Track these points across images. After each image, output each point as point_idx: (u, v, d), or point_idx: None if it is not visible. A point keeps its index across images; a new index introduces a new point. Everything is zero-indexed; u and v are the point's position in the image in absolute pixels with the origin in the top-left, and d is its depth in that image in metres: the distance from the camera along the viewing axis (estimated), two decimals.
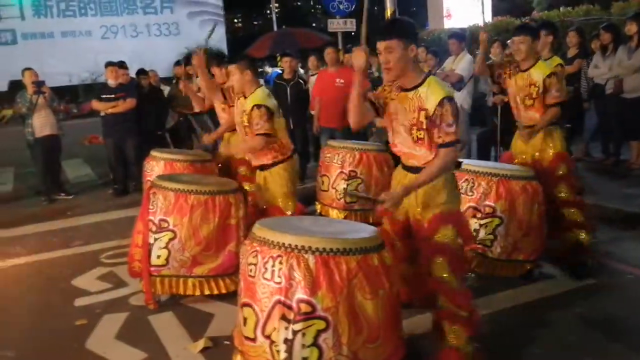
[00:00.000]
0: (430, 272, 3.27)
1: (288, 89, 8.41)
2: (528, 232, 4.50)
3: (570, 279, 4.67)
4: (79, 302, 4.83)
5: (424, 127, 3.19)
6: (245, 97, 4.75)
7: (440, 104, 3.13)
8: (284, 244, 2.82)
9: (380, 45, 3.20)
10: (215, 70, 6.03)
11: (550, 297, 4.41)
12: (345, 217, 6.07)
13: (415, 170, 3.32)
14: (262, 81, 9.12)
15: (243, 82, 4.71)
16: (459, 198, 3.46)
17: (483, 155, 8.09)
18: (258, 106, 4.56)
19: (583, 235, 4.78)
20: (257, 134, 4.58)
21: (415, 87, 3.23)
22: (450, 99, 3.16)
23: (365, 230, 3.16)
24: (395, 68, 3.20)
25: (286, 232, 2.90)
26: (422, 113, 3.18)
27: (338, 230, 3.13)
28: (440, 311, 3.29)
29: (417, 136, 3.24)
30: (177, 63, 10.11)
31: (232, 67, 4.72)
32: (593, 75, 7.94)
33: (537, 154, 4.88)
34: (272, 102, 4.68)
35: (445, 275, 3.23)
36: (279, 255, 2.81)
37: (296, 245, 2.80)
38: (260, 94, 4.67)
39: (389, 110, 3.38)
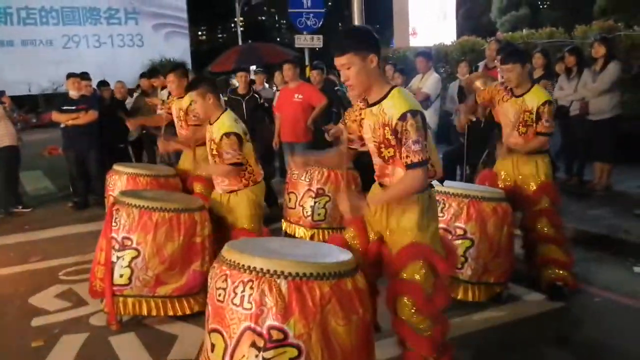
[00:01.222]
0: (395, 311, 3.11)
1: (243, 104, 8.35)
2: (498, 254, 4.48)
3: (543, 300, 4.68)
4: (36, 321, 4.63)
5: (392, 144, 2.92)
6: (211, 124, 4.59)
7: (402, 118, 2.82)
8: (254, 267, 2.72)
9: (336, 61, 2.94)
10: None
11: (521, 320, 4.39)
12: (312, 235, 6.00)
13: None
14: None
15: (206, 107, 4.53)
16: (433, 223, 3.13)
17: (449, 174, 8.09)
18: (227, 134, 4.40)
19: (561, 272, 4.72)
20: (228, 164, 4.45)
21: (379, 101, 2.96)
22: (414, 112, 2.82)
23: (336, 253, 3.06)
24: (356, 84, 2.94)
25: (257, 255, 2.79)
26: (387, 129, 2.91)
27: (309, 253, 3.04)
28: (407, 353, 3.14)
29: (386, 155, 3.00)
30: (143, 75, 9.95)
31: (193, 94, 4.54)
32: (558, 97, 8.02)
33: (520, 177, 4.80)
34: (240, 128, 4.52)
35: (410, 318, 3.04)
36: (249, 280, 2.70)
37: (268, 270, 2.69)
38: (227, 121, 4.50)
39: (362, 132, 3.16)
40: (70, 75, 8.64)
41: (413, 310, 3.03)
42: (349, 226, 3.35)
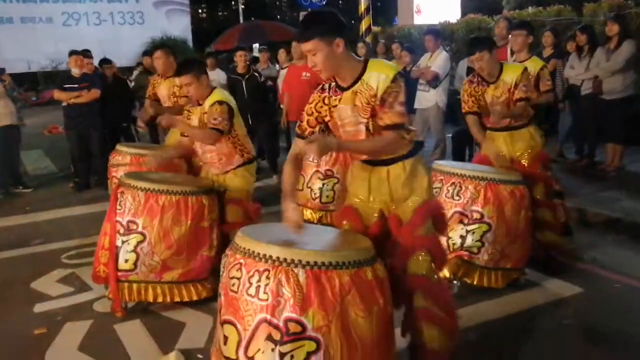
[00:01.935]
0: (406, 270, 2.99)
1: (244, 84, 8.16)
2: (515, 239, 4.34)
3: (561, 286, 4.55)
4: (39, 307, 4.49)
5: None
6: (200, 104, 4.51)
7: (395, 79, 2.82)
8: (271, 256, 2.57)
9: (303, 48, 2.90)
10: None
11: (539, 306, 4.25)
12: (320, 218, 5.86)
13: (381, 162, 3.04)
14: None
15: (202, 88, 4.43)
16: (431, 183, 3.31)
17: (458, 154, 7.94)
18: (220, 102, 4.34)
19: (552, 236, 4.76)
20: (210, 128, 4.34)
21: (358, 79, 2.91)
22: (402, 75, 2.88)
23: (358, 241, 2.92)
24: (324, 68, 2.89)
25: (273, 243, 2.65)
26: (375, 100, 2.86)
27: (328, 241, 2.89)
28: (417, 311, 3.03)
29: (375, 127, 2.94)
30: (145, 53, 9.78)
31: (187, 78, 4.38)
32: (569, 76, 7.86)
33: (518, 153, 4.76)
34: (233, 102, 4.48)
35: (425, 271, 2.99)
36: (265, 269, 2.55)
37: (285, 259, 2.54)
38: (219, 93, 4.47)
39: (334, 121, 3.05)
40: (72, 53, 8.48)
41: (429, 264, 3.01)
42: (342, 220, 3.24)
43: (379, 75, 2.85)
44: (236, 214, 4.44)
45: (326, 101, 3.04)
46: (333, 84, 3.02)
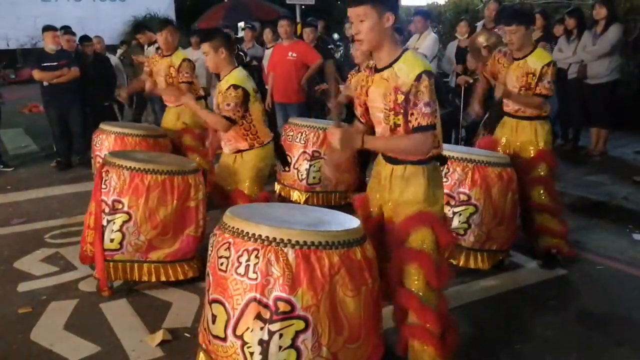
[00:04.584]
0: (401, 282, 2.93)
1: None
2: (502, 221, 4.36)
3: (541, 269, 4.59)
4: (22, 287, 4.44)
5: (402, 111, 2.75)
6: (220, 80, 4.40)
7: (418, 78, 2.66)
8: (260, 235, 2.56)
9: (351, 12, 2.75)
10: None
11: (523, 287, 4.30)
12: (307, 199, 5.86)
13: (396, 161, 2.93)
14: None
15: (217, 61, 4.32)
16: (441, 199, 2.98)
17: (445, 138, 7.94)
18: (235, 87, 4.19)
19: (556, 241, 4.62)
20: (222, 115, 4.24)
21: (391, 64, 2.78)
22: (429, 74, 2.69)
23: (346, 221, 2.91)
24: (367, 39, 2.75)
25: (262, 222, 2.64)
26: (399, 93, 2.72)
27: (317, 221, 2.87)
28: (410, 327, 2.95)
29: (394, 123, 2.80)
30: (142, 28, 9.69)
31: (205, 46, 4.30)
32: (556, 59, 7.82)
33: (518, 144, 4.63)
34: (251, 85, 4.33)
35: (416, 288, 2.87)
36: (254, 249, 2.55)
37: (274, 238, 2.54)
38: (238, 75, 4.31)
39: (368, 100, 2.96)
40: (47, 28, 8.17)
41: (420, 280, 2.87)
42: (356, 205, 3.22)
43: (406, 69, 2.72)
44: None
45: (364, 81, 2.98)
46: (373, 62, 2.92)
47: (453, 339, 3.00)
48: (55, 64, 8.05)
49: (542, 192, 4.56)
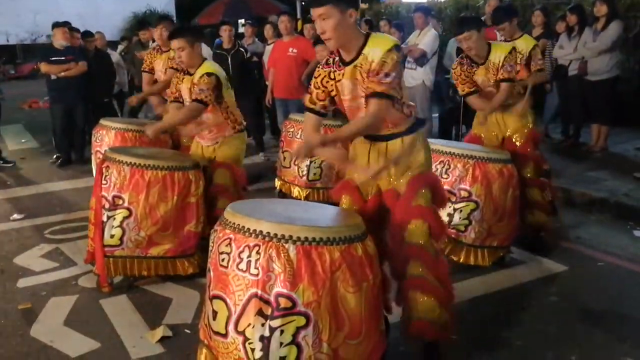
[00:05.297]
0: (404, 239, 2.99)
1: (229, 59, 8.02)
2: (502, 218, 4.35)
3: (546, 264, 4.59)
4: (23, 282, 4.43)
5: None
6: (191, 75, 4.45)
7: (389, 51, 2.78)
8: (261, 231, 2.55)
9: (314, 12, 2.84)
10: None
11: (524, 283, 4.29)
12: (307, 195, 5.85)
13: (381, 138, 3.04)
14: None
15: (194, 55, 4.40)
16: (431, 159, 3.27)
17: (445, 134, 7.94)
18: (208, 74, 4.31)
19: (541, 216, 4.78)
20: (193, 99, 4.31)
21: (359, 53, 2.88)
22: (398, 48, 2.82)
23: (345, 217, 2.91)
24: (334, 37, 2.84)
25: (263, 218, 2.63)
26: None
27: (317, 217, 2.87)
28: (410, 279, 3.00)
29: None
30: (144, 25, 9.67)
31: (180, 41, 4.33)
32: (557, 56, 7.87)
33: (508, 132, 4.77)
34: (222, 74, 4.47)
35: (422, 240, 2.97)
36: (256, 245, 2.54)
37: (275, 234, 2.53)
38: (210, 65, 4.46)
39: (339, 95, 3.04)
40: (57, 25, 8.28)
41: (426, 233, 2.99)
42: (341, 193, 3.24)
43: (376, 49, 2.82)
44: (224, 177, 4.47)
45: (331, 75, 3.02)
46: (337, 58, 3.00)
47: (452, 295, 3.15)
48: (63, 58, 8.13)
49: (531, 168, 4.74)
